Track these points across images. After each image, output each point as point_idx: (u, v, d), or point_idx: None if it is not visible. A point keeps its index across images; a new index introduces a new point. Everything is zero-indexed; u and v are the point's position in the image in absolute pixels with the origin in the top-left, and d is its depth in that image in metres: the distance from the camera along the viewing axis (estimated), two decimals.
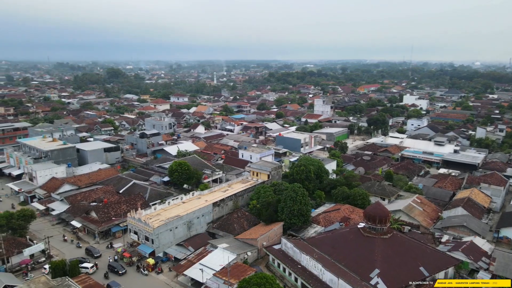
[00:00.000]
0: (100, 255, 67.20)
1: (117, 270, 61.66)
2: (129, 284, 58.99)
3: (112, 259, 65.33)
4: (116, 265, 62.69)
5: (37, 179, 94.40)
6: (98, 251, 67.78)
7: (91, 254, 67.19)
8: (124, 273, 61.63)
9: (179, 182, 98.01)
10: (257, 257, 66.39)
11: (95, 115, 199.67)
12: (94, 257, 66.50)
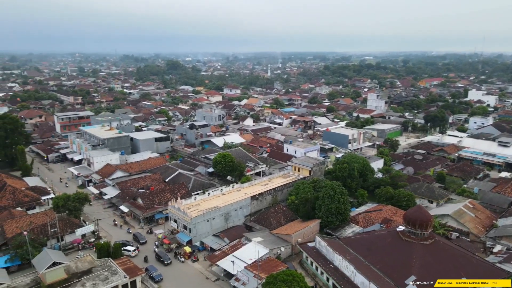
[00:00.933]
0: (146, 241, 70.50)
1: (163, 260, 63.50)
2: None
3: (157, 247, 67.77)
4: (163, 255, 64.46)
5: (94, 165, 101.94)
6: (144, 238, 71.12)
7: (137, 240, 70.81)
8: (169, 263, 63.20)
9: (222, 174, 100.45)
10: (291, 253, 66.25)
11: (152, 106, 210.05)
12: (140, 243, 69.82)
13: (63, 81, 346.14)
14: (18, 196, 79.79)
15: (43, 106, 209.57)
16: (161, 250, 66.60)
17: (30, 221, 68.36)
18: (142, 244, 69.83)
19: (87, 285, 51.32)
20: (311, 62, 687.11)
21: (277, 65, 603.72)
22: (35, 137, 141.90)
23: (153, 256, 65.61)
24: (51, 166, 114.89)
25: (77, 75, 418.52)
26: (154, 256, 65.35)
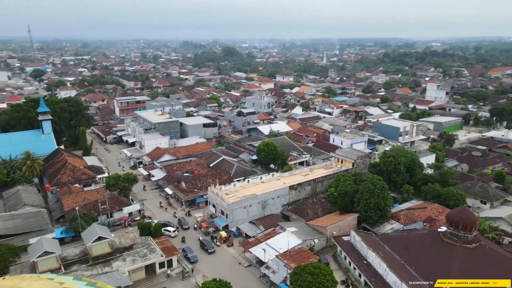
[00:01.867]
0: (188, 227, 72.17)
1: (207, 248, 64.19)
2: (187, 233, 64.55)
3: (200, 232, 69.66)
4: (207, 244, 64.86)
5: (145, 148, 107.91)
6: (187, 223, 72.66)
7: (181, 225, 72.73)
8: (212, 252, 63.78)
9: (265, 162, 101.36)
10: (326, 245, 65.68)
11: (205, 91, 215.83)
12: (183, 229, 71.55)
13: (127, 66, 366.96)
14: (76, 173, 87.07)
15: (107, 90, 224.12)
16: (205, 239, 66.87)
17: (84, 197, 74.63)
18: (185, 230, 71.26)
19: (128, 260, 55.26)
20: (371, 49, 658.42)
21: (334, 52, 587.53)
22: (97, 119, 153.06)
23: (197, 244, 66.28)
24: (109, 147, 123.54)
25: (140, 61, 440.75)
26: (199, 244, 66.06)
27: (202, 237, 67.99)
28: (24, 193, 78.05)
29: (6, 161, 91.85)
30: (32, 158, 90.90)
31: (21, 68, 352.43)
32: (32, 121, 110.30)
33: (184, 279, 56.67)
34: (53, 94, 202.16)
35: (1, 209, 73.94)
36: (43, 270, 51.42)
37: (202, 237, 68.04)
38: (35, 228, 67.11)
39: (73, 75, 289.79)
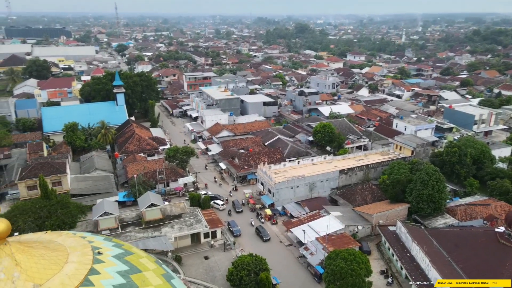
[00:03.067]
0: (242, 210, 72.18)
1: (263, 235, 62.92)
2: (246, 227, 67.00)
3: (254, 221, 67.72)
4: (263, 232, 63.55)
5: (206, 123, 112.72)
6: (240, 207, 72.27)
7: (234, 207, 72.53)
8: (268, 240, 62.59)
9: (321, 144, 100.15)
10: (370, 233, 64.17)
11: (271, 69, 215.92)
12: (236, 212, 71.38)
13: (200, 42, 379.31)
14: (142, 144, 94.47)
15: (179, 65, 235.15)
16: (261, 226, 65.70)
17: (145, 166, 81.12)
18: (238, 213, 71.22)
19: (175, 228, 59.72)
20: (460, 26, 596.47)
21: (415, 29, 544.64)
22: (166, 93, 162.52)
23: (252, 230, 65.41)
24: (174, 120, 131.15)
25: (213, 37, 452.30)
26: (254, 230, 65.16)
27: (254, 221, 67.61)
28: (96, 158, 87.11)
29: (85, 128, 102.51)
30: (106, 127, 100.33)
31: (107, 43, 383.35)
32: (109, 93, 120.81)
33: (225, 250, 59.76)
34: (132, 68, 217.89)
35: (77, 171, 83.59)
36: (103, 228, 58.00)
37: (255, 221, 67.54)
38: (103, 190, 75.02)
39: (151, 50, 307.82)
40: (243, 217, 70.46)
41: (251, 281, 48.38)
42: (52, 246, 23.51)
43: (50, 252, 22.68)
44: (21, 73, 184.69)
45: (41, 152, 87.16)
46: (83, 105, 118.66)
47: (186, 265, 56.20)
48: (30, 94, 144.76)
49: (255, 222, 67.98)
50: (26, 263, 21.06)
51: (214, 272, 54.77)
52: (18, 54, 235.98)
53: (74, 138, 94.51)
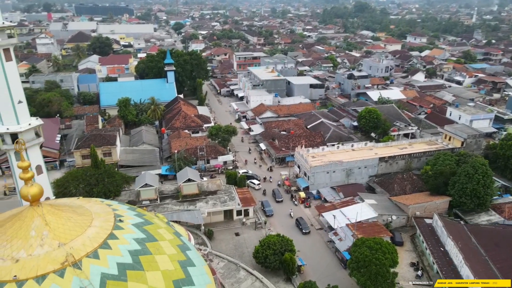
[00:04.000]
0: (282, 200, 69.97)
1: (302, 228, 61.31)
2: (279, 207, 68.04)
3: (294, 212, 65.73)
4: (303, 224, 62.02)
5: (250, 103, 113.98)
6: (281, 197, 70.19)
7: (274, 196, 70.46)
8: (307, 233, 60.76)
9: (365, 129, 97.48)
10: (405, 224, 62.36)
11: (323, 50, 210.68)
12: (276, 201, 69.39)
13: (255, 21, 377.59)
14: (187, 121, 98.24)
15: (232, 44, 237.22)
16: (301, 218, 63.73)
17: (187, 142, 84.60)
18: (278, 202, 69.30)
19: (209, 203, 62.40)
20: None
21: (490, 9, 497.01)
22: (216, 72, 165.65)
23: (291, 222, 63.73)
24: (221, 99, 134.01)
25: (268, 16, 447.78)
26: (294, 222, 63.56)
27: (293, 213, 65.49)
28: (145, 133, 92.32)
29: (137, 104, 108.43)
30: (155, 103, 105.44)
31: (166, 21, 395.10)
32: (161, 71, 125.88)
33: (256, 229, 61.52)
34: (186, 47, 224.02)
35: (127, 143, 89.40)
36: (143, 198, 62.25)
37: (299, 217, 63.99)
38: (148, 163, 79.79)
39: (207, 28, 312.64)
40: (283, 207, 68.15)
41: (275, 260, 49.70)
42: (79, 211, 26.20)
43: (77, 216, 25.33)
44: (86, 49, 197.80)
45: (97, 124, 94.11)
46: (136, 81, 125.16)
47: (217, 240, 58.87)
48: (92, 69, 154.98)
49: (295, 213, 65.49)
50: (54, 223, 23.79)
51: (242, 249, 56.84)
52: (84, 31, 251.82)
53: (126, 113, 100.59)
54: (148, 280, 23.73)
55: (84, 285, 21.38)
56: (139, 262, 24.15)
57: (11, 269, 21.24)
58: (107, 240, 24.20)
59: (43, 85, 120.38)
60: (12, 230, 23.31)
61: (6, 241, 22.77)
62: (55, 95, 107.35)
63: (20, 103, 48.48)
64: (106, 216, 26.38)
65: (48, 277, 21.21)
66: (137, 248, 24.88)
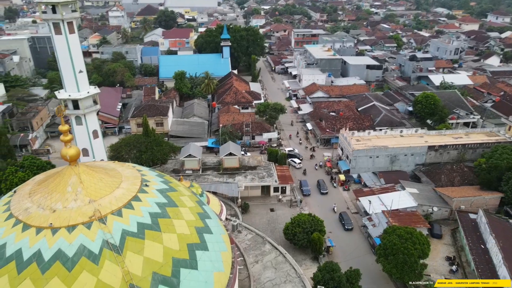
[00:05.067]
0: (327, 192, 66.82)
1: (345, 223, 58.38)
2: (323, 200, 65.01)
3: (337, 207, 62.42)
4: (346, 220, 58.78)
5: (302, 82, 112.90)
6: (326, 189, 66.97)
7: (319, 187, 67.66)
8: (350, 229, 57.84)
9: (421, 115, 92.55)
10: (448, 217, 59.59)
11: (389, 29, 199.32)
12: (321, 193, 66.49)
13: None
14: (238, 96, 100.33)
15: (293, 20, 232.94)
16: (345, 213, 60.63)
17: (234, 117, 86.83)
18: (322, 194, 66.42)
19: (248, 177, 64.52)
20: None
21: None
22: (273, 48, 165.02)
23: (334, 217, 60.77)
24: (275, 76, 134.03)
25: None
26: (337, 217, 60.57)
27: (337, 207, 62.61)
28: (196, 106, 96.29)
29: (192, 77, 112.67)
30: (209, 77, 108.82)
31: None
32: (217, 46, 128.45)
33: (291, 206, 62.73)
34: (247, 22, 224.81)
35: (179, 115, 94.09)
36: (187, 168, 66.09)
37: (343, 212, 61.31)
38: (196, 135, 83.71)
39: (270, 3, 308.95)
40: (327, 200, 64.84)
41: (304, 238, 50.79)
42: (111, 173, 29.22)
43: (108, 178, 28.33)
44: (152, 23, 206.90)
45: (153, 95, 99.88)
46: (193, 55, 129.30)
47: (252, 213, 61.16)
48: (156, 42, 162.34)
49: (338, 207, 62.50)
50: (88, 182, 26.93)
51: (275, 224, 58.56)
52: (153, 4, 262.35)
53: (181, 86, 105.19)
54: (163, 240, 26.18)
55: (106, 238, 24.27)
56: (157, 224, 26.63)
57: (48, 217, 24.72)
58: (131, 201, 26.91)
59: (111, 56, 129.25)
60: (53, 185, 26.86)
61: (47, 193, 26.37)
62: (119, 66, 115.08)
63: (81, 73, 53.26)
64: (134, 180, 29.13)
65: (77, 228, 24.37)
66: (157, 211, 27.37)
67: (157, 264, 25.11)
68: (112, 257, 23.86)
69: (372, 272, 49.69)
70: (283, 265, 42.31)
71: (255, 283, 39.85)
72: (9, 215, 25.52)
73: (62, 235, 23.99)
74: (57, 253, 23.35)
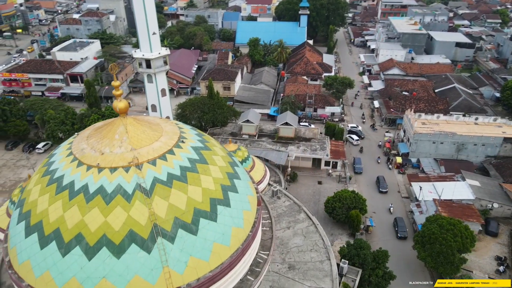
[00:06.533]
0: (387, 191, 60.89)
1: (398, 230, 52.76)
2: (379, 199, 60.52)
3: (394, 207, 57.54)
4: (401, 226, 53.43)
5: (379, 57, 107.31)
6: (385, 187, 61.13)
7: (378, 185, 62.15)
8: (403, 238, 52.20)
9: (509, 104, 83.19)
10: (510, 216, 54.83)
11: (497, 2, 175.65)
12: (379, 191, 60.91)
13: None
14: (308, 67, 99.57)
15: None
16: (401, 218, 54.90)
17: (299, 88, 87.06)
18: (381, 193, 60.78)
19: (300, 148, 65.69)
20: None
21: None
22: (357, 19, 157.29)
23: (389, 219, 55.45)
24: (352, 49, 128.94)
25: None
26: (392, 221, 55.05)
27: (393, 208, 57.35)
28: (265, 74, 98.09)
29: (266, 45, 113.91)
30: (282, 46, 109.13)
31: None
32: (296, 14, 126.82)
33: (339, 182, 62.85)
34: None
35: (248, 81, 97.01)
36: (244, 133, 69.25)
37: (394, 207, 57.47)
38: (260, 102, 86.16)
39: None
40: (384, 200, 59.26)
41: (342, 213, 51.34)
42: (154, 127, 32.98)
43: (150, 131, 32.12)
44: None
45: (226, 60, 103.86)
46: (271, 23, 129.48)
47: (300, 183, 62.77)
48: (239, 7, 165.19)
49: (395, 208, 57.55)
50: (132, 133, 30.97)
51: (319, 197, 59.55)
52: None
53: (254, 53, 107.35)
54: (188, 191, 29.52)
55: (139, 182, 28.22)
56: (185, 176, 29.96)
57: (97, 158, 29.37)
58: (166, 154, 30.44)
59: (194, 19, 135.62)
60: (105, 131, 31.47)
61: (100, 138, 31.07)
62: (200, 29, 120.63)
63: (154, 35, 58.11)
64: (173, 136, 32.59)
65: (118, 170, 28.63)
66: (187, 165, 30.65)
67: (179, 210, 28.63)
68: (142, 198, 27.82)
69: (408, 258, 48.89)
70: (313, 235, 43.77)
71: (282, 246, 42.19)
72: (70, 153, 30.80)
73: (105, 174, 28.49)
74: (100, 188, 27.95)
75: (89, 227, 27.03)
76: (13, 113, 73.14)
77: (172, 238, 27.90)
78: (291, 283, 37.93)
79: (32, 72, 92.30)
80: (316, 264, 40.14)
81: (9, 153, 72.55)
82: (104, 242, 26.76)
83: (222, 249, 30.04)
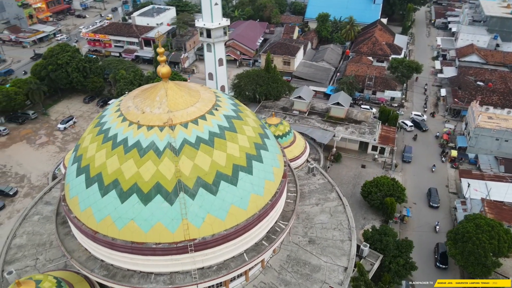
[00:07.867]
0: (438, 206, 54.66)
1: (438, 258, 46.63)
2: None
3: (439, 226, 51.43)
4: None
5: (458, 41, 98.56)
6: (437, 202, 54.72)
7: (428, 198, 56.03)
8: (444, 268, 46.32)
9: None
10: None
11: None
12: (430, 205, 54.95)
13: None
14: (375, 47, 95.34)
15: None
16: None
17: (361, 68, 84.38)
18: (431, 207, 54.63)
19: (348, 130, 64.86)
20: None
21: None
22: None
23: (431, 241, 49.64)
24: (431, 31, 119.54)
25: None
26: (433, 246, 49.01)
27: (439, 227, 51.35)
28: (329, 51, 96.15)
29: (336, 21, 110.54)
30: (352, 23, 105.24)
31: None
32: None
33: (383, 168, 61.49)
34: None
35: (310, 57, 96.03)
36: (295, 108, 70.02)
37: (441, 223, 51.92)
38: (318, 79, 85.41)
39: None
40: (434, 216, 53.38)
41: (377, 199, 50.84)
42: (192, 93, 35.68)
43: (188, 96, 34.90)
44: None
45: (292, 35, 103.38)
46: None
47: (343, 165, 62.66)
48: None
49: (441, 222, 52.02)
50: (171, 96, 33.99)
51: (360, 180, 58.98)
52: None
53: (322, 29, 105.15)
54: (214, 155, 32.12)
55: (170, 141, 31.38)
56: (212, 141, 32.52)
57: (138, 116, 33.04)
58: (198, 119, 33.16)
59: None
60: (149, 93, 34.99)
61: (143, 98, 34.68)
62: (270, 2, 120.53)
63: (216, 5, 60.58)
64: (208, 103, 35.13)
65: (154, 128, 32.00)
66: (216, 132, 33.12)
67: (203, 171, 31.45)
68: (171, 156, 31.03)
69: None
70: (339, 215, 44.47)
71: (307, 221, 43.62)
72: (118, 109, 34.92)
73: (142, 131, 32.08)
74: (136, 142, 31.67)
75: (124, 175, 31.08)
76: (92, 70, 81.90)
77: (193, 194, 30.97)
78: (308, 256, 39.65)
79: (112, 34, 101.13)
80: (337, 242, 41.15)
81: (86, 105, 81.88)
82: (135, 189, 30.70)
83: (238, 212, 32.55)
